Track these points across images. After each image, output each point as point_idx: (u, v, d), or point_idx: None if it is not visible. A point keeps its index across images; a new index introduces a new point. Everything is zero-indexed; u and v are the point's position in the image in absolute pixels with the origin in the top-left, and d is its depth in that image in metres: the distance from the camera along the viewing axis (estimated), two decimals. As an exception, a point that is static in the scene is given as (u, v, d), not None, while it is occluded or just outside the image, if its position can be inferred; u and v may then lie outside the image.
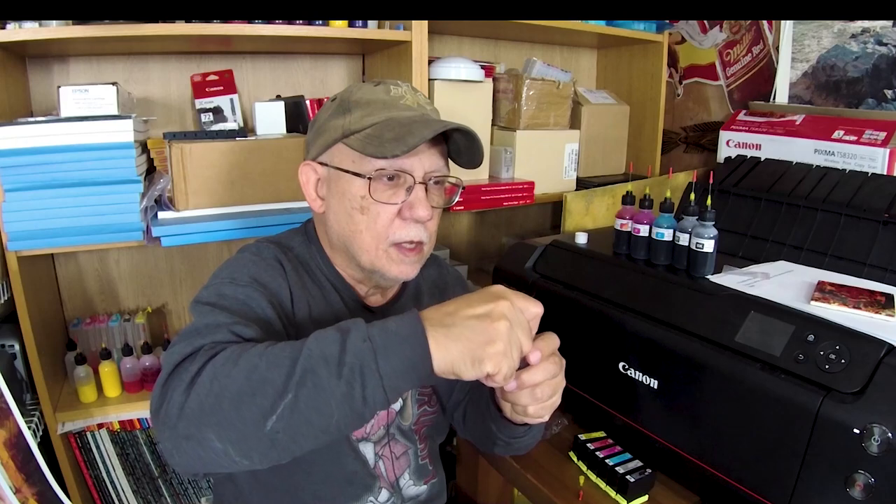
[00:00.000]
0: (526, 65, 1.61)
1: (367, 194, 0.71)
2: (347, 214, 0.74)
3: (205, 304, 0.66)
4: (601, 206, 1.36)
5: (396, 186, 0.72)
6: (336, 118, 0.75)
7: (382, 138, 0.69)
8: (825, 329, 0.72)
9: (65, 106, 1.08)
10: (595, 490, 0.90)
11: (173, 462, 0.56)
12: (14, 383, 1.10)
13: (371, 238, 0.73)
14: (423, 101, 0.77)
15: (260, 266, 0.73)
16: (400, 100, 0.75)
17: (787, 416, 0.69)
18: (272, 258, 0.76)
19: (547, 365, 0.62)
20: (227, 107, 1.36)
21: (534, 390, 0.63)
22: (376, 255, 0.74)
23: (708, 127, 1.70)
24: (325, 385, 0.51)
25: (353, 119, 0.73)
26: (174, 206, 1.13)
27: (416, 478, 0.87)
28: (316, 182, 0.78)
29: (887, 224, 0.96)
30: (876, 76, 1.31)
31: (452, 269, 0.99)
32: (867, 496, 0.63)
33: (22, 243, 1.03)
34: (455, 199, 0.81)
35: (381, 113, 0.73)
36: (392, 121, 0.71)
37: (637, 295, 0.92)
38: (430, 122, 0.71)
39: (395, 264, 0.74)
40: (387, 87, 0.75)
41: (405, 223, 0.73)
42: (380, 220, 0.72)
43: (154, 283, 1.45)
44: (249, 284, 0.70)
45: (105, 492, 1.31)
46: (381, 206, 0.72)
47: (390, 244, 0.74)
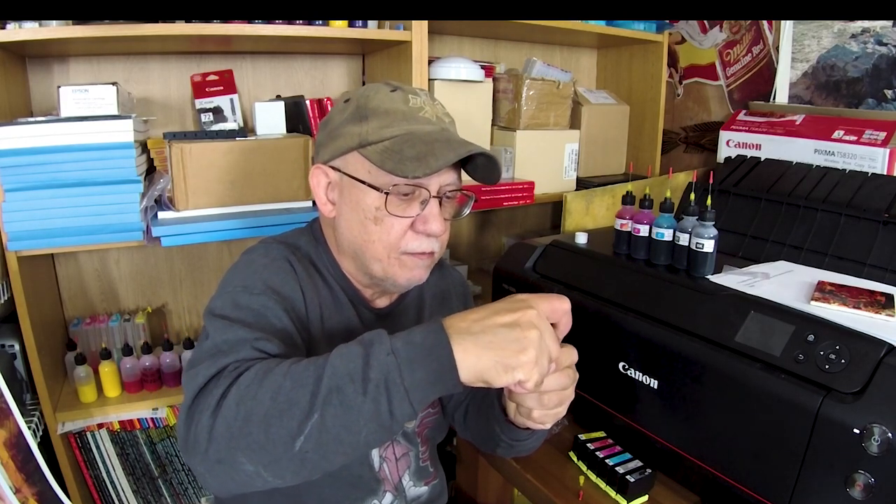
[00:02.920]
0: (526, 65, 1.61)
1: (383, 207, 0.71)
2: (360, 224, 0.73)
3: (221, 316, 0.65)
4: (601, 206, 1.36)
5: (411, 200, 0.72)
6: (352, 124, 0.73)
7: (403, 155, 0.68)
8: (825, 329, 0.72)
9: (65, 106, 1.08)
10: (595, 490, 0.90)
11: (208, 486, 0.56)
12: (14, 383, 1.10)
13: (383, 248, 0.73)
14: (441, 114, 0.76)
15: (271, 270, 0.72)
16: (419, 111, 0.73)
17: (786, 416, 0.69)
18: (282, 258, 0.75)
19: (560, 376, 0.62)
20: (227, 107, 1.36)
21: (542, 396, 0.63)
22: (388, 264, 0.74)
23: (708, 127, 1.70)
24: (351, 403, 0.51)
25: (371, 129, 0.72)
26: (174, 206, 1.13)
27: (416, 479, 0.87)
28: (327, 185, 0.77)
29: (887, 224, 0.96)
30: (876, 76, 1.31)
31: (454, 272, 0.99)
32: (867, 496, 0.63)
33: (22, 243, 1.03)
34: (467, 210, 0.81)
35: (400, 125, 0.71)
36: (412, 136, 0.70)
37: (637, 295, 0.92)
38: (451, 144, 0.70)
39: (406, 270, 0.74)
40: (405, 95, 0.74)
41: (417, 235, 0.73)
42: (393, 231, 0.72)
43: (154, 283, 1.45)
44: (264, 293, 0.68)
45: (105, 492, 1.31)
46: (395, 219, 0.72)
47: (401, 253, 0.73)
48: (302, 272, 0.75)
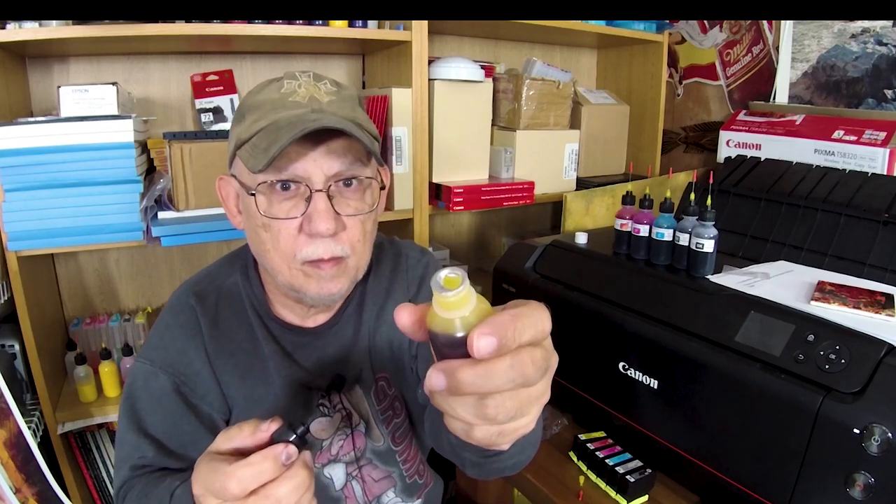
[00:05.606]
0: (526, 65, 1.61)
1: (257, 210, 0.63)
2: (255, 232, 0.66)
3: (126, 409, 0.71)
4: (601, 206, 1.36)
5: (294, 197, 0.64)
6: (235, 126, 0.68)
7: (258, 148, 0.61)
8: (825, 329, 0.72)
9: (65, 106, 1.08)
10: (595, 490, 0.90)
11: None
12: (14, 383, 1.10)
13: (279, 258, 0.65)
14: (321, 93, 0.66)
15: (172, 336, 0.73)
16: (289, 97, 0.64)
17: (787, 416, 0.69)
18: (186, 314, 0.74)
19: (507, 363, 0.33)
20: (227, 107, 1.36)
21: (482, 401, 0.34)
22: (291, 275, 0.66)
23: (708, 127, 1.70)
24: None
25: (244, 127, 0.65)
26: (174, 206, 1.13)
27: (405, 495, 0.83)
28: (235, 197, 0.71)
29: (887, 224, 0.96)
30: (876, 76, 1.31)
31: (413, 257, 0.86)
32: (867, 496, 0.63)
33: (22, 243, 1.03)
34: (382, 201, 0.71)
35: (268, 116, 0.63)
36: (273, 125, 0.62)
37: (637, 295, 0.92)
38: (298, 124, 0.60)
39: (312, 281, 0.66)
40: (280, 83, 0.66)
41: (311, 239, 0.64)
42: (282, 237, 0.64)
43: (154, 283, 1.45)
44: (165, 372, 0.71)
45: (105, 492, 1.31)
46: (280, 223, 0.63)
47: (301, 262, 0.65)
48: (207, 326, 0.73)
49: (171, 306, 0.76)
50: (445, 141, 1.38)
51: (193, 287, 0.77)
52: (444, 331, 0.34)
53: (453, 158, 1.41)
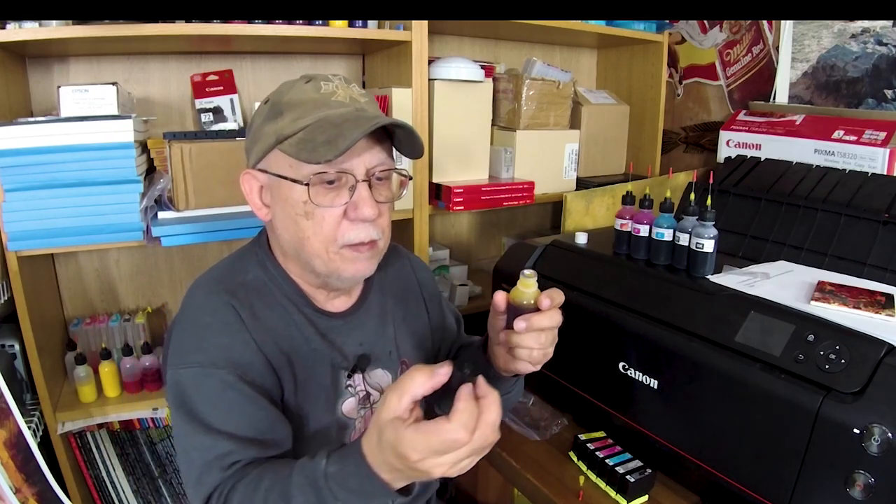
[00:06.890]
0: (526, 65, 1.61)
1: (309, 199, 0.70)
2: (293, 221, 0.72)
3: (188, 413, 0.68)
4: (601, 206, 1.36)
5: (339, 188, 0.70)
6: (269, 123, 0.72)
7: (315, 142, 0.67)
8: (825, 329, 0.72)
9: (65, 106, 1.08)
10: (595, 490, 0.90)
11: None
12: (14, 383, 1.10)
13: (320, 243, 0.71)
14: (356, 94, 0.74)
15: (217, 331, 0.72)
16: (331, 96, 0.71)
17: (787, 416, 0.69)
18: (225, 310, 0.73)
19: (553, 313, 0.69)
20: (227, 107, 1.36)
21: (539, 335, 0.69)
22: (329, 259, 0.72)
23: (708, 127, 1.70)
24: None
25: (286, 123, 0.70)
26: (174, 206, 1.13)
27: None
28: (259, 190, 0.76)
29: (887, 224, 0.96)
30: (876, 76, 1.31)
31: (413, 261, 0.96)
32: (867, 496, 0.63)
33: (22, 243, 1.03)
34: (405, 191, 0.80)
35: (313, 113, 0.70)
36: (324, 121, 0.69)
37: (637, 295, 0.92)
38: (360, 121, 0.68)
39: (349, 263, 0.73)
40: (317, 83, 0.72)
41: (353, 224, 0.71)
42: (325, 224, 0.70)
43: (154, 283, 1.45)
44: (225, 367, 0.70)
45: (105, 492, 1.31)
46: (325, 210, 0.70)
47: (340, 246, 0.72)
48: (248, 318, 0.73)
49: (201, 307, 0.74)
50: (445, 141, 1.38)
51: (216, 286, 0.76)
52: (526, 300, 0.69)
53: (453, 158, 1.41)
